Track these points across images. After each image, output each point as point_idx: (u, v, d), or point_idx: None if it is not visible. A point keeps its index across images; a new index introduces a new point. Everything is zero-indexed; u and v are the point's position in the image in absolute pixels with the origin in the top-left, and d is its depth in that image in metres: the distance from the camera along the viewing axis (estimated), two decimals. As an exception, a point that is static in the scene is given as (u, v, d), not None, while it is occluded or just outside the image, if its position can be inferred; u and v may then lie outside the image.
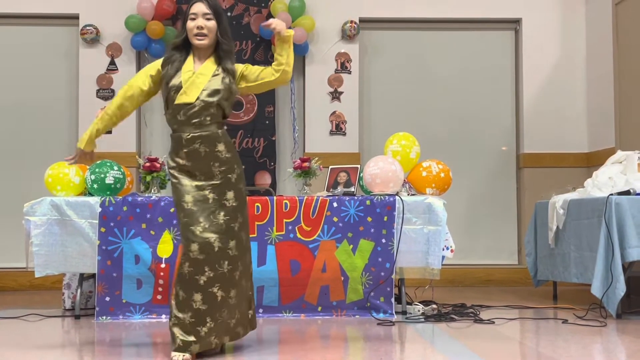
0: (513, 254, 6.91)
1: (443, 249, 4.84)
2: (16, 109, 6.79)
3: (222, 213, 3.54)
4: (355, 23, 6.74)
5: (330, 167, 5.36)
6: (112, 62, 6.67)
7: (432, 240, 4.83)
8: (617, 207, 4.62)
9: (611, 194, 4.70)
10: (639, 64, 5.88)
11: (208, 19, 3.63)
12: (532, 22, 6.89)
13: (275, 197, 4.91)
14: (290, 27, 6.57)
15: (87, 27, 6.63)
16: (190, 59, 3.69)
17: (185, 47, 3.71)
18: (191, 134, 3.59)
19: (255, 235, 4.79)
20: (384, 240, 4.82)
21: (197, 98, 3.59)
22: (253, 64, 3.87)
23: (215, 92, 3.61)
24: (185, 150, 3.60)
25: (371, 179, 4.96)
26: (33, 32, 6.85)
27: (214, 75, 3.64)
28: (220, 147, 3.62)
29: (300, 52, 6.69)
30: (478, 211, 6.91)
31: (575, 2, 6.87)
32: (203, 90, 3.60)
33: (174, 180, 3.63)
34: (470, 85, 6.99)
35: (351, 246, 4.83)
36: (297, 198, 4.90)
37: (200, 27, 3.62)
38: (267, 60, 6.67)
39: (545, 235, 5.46)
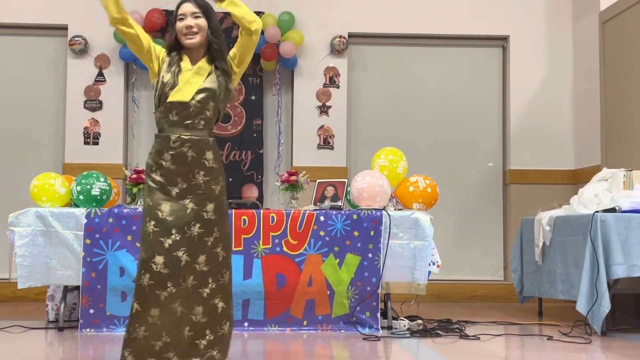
0: (499, 270, 6.92)
1: (429, 264, 4.84)
2: (3, 119, 6.75)
3: (197, 225, 3.34)
4: (344, 38, 6.75)
5: (318, 181, 5.35)
6: (100, 74, 6.65)
7: (418, 256, 4.83)
8: (603, 225, 4.63)
9: (597, 211, 4.72)
10: (626, 82, 5.92)
11: (197, 17, 3.49)
12: (519, 40, 6.92)
13: (262, 211, 4.89)
14: (279, 42, 6.58)
15: (76, 38, 6.61)
16: (185, 59, 3.52)
17: (177, 50, 3.55)
18: (181, 136, 3.39)
19: (241, 248, 4.77)
20: (370, 255, 4.81)
21: (192, 98, 3.42)
22: (241, 78, 3.84)
23: (211, 93, 3.45)
24: (171, 152, 3.38)
25: (358, 193, 4.96)
26: (21, 42, 6.82)
27: (209, 75, 3.48)
28: (209, 155, 3.42)
29: (289, 65, 6.70)
30: (464, 227, 6.92)
31: (562, 20, 6.91)
32: (199, 90, 3.43)
33: (153, 185, 3.39)
34: (457, 101, 7.01)
35: (337, 260, 4.82)
36: (284, 211, 4.88)
37: (189, 27, 3.47)
38: (256, 73, 6.68)
39: (531, 252, 5.47)
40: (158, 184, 3.38)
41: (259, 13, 6.68)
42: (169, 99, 3.42)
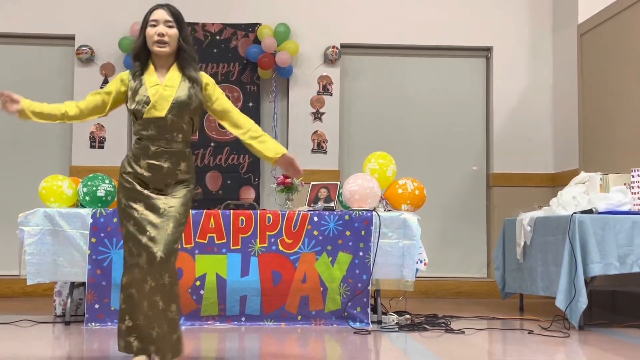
0: (482, 268, 6.93)
1: (417, 262, 4.84)
2: (13, 124, 6.72)
3: (171, 225, 3.22)
4: (337, 48, 6.76)
5: (312, 183, 5.35)
6: (106, 81, 6.64)
7: (406, 254, 4.83)
8: (581, 225, 4.64)
9: (575, 213, 4.73)
10: (602, 91, 5.94)
11: (170, 27, 3.28)
12: (502, 51, 6.94)
13: (258, 211, 4.88)
14: (275, 52, 6.58)
15: (83, 48, 6.60)
16: (151, 69, 3.33)
17: (144, 56, 3.35)
18: (160, 148, 3.27)
19: (239, 247, 4.77)
20: (361, 253, 4.81)
21: (168, 112, 3.25)
22: (240, 85, 3.76)
23: (184, 105, 3.28)
24: (148, 161, 3.27)
25: (350, 195, 4.96)
26: (31, 51, 6.81)
27: (180, 85, 3.31)
28: (183, 166, 3.32)
29: (285, 74, 6.70)
30: (450, 227, 6.92)
31: (543, 32, 6.93)
32: (172, 103, 3.26)
33: (127, 185, 3.28)
34: (444, 108, 7.02)
35: (330, 258, 4.82)
36: (279, 212, 4.88)
37: (161, 35, 3.26)
38: (254, 81, 6.67)
39: (513, 250, 5.48)
40: (131, 184, 3.30)
41: (256, 24, 6.68)
42: (145, 116, 3.28)
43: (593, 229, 4.64)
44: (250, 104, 6.68)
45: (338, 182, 5.32)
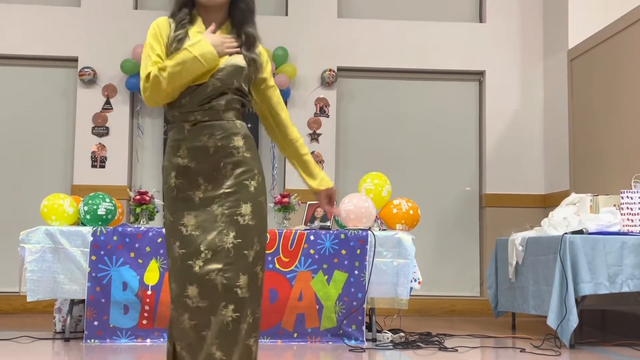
0: (475, 287, 6.91)
1: (411, 281, 4.82)
2: (17, 143, 6.73)
3: (232, 234, 2.36)
4: (333, 71, 6.78)
5: (308, 202, 5.34)
6: (108, 102, 6.65)
7: (401, 273, 4.81)
8: (571, 245, 4.63)
9: (566, 233, 4.72)
10: (592, 114, 5.96)
11: None
12: (494, 75, 6.97)
13: (256, 230, 4.86)
14: (274, 74, 6.58)
15: (85, 69, 6.61)
16: (199, 22, 2.52)
17: (190, 12, 2.53)
18: (198, 122, 2.44)
19: (236, 265, 4.75)
20: (356, 272, 4.79)
21: (212, 76, 2.45)
22: None
23: (237, 71, 2.49)
24: (187, 145, 2.43)
25: (346, 214, 4.95)
26: (35, 72, 6.82)
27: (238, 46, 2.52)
28: (238, 141, 2.48)
29: (283, 96, 6.68)
30: (444, 246, 6.91)
31: (534, 57, 6.97)
32: (219, 67, 2.46)
33: (170, 194, 2.45)
34: (437, 130, 7.03)
35: (326, 277, 4.80)
36: (276, 231, 4.87)
37: None
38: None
39: (506, 270, 5.46)
40: (175, 189, 2.45)
41: (255, 48, 6.71)
42: None
43: (583, 249, 4.64)
44: (249, 125, 6.65)
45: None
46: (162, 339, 4.58)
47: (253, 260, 2.38)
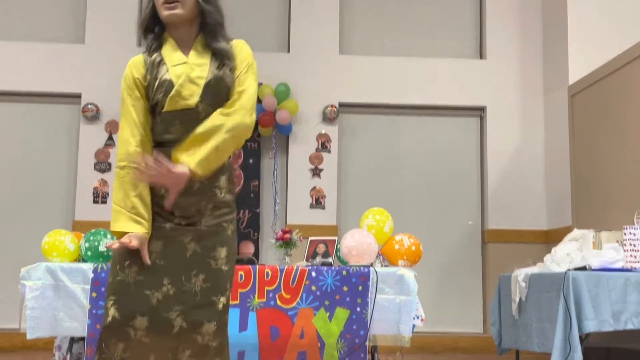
0: (479, 323, 6.85)
1: (414, 318, 4.78)
2: (19, 178, 6.74)
3: (202, 276, 2.20)
4: (335, 107, 6.81)
5: (310, 238, 5.33)
6: (110, 138, 6.68)
7: (403, 310, 4.77)
8: (574, 282, 4.60)
9: (569, 270, 4.69)
10: (593, 150, 5.97)
11: None
12: (495, 110, 7.00)
13: (257, 266, 4.85)
14: (275, 110, 6.62)
15: (88, 106, 6.65)
16: (170, 44, 2.38)
17: (156, 29, 2.43)
18: None
19: (237, 302, 4.71)
20: (358, 309, 4.76)
21: (200, 101, 2.30)
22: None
23: (221, 88, 2.34)
24: None
25: (347, 250, 4.93)
26: (38, 109, 6.87)
27: (211, 64, 2.37)
28: (222, 181, 2.33)
29: (285, 132, 6.74)
30: (446, 282, 6.87)
31: (534, 93, 7.00)
32: (205, 87, 2.31)
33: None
34: (439, 165, 7.04)
35: (328, 314, 4.76)
36: (278, 267, 4.85)
37: None
38: (254, 138, 6.70)
39: (509, 306, 5.42)
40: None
41: (258, 84, 6.74)
42: (167, 108, 2.31)
43: (587, 285, 4.60)
44: (251, 161, 6.70)
45: (336, 238, 5.30)
46: (162, 377, 4.52)
47: (223, 308, 2.21)
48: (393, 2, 7.19)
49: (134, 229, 2.24)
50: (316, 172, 6.82)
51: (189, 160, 2.20)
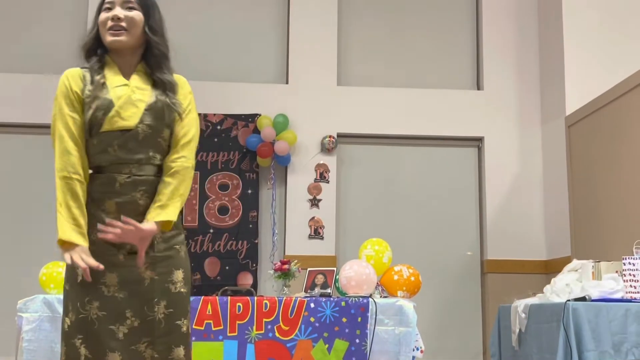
0: (479, 355, 6.80)
1: (413, 349, 4.75)
2: (16, 210, 6.73)
3: (163, 303, 2.16)
4: (333, 138, 6.84)
5: (309, 269, 5.31)
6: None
7: (403, 341, 4.74)
8: (574, 313, 4.58)
9: (568, 300, 4.67)
10: (591, 180, 5.98)
11: (130, 8, 2.32)
12: (493, 141, 7.02)
13: (255, 297, 4.83)
14: (274, 141, 6.65)
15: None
16: (112, 66, 2.36)
17: (101, 55, 2.40)
18: (132, 177, 2.23)
19: (235, 333, 4.68)
20: (357, 340, 4.73)
21: (140, 122, 2.28)
22: (239, 173, 2.85)
23: (160, 112, 2.31)
24: (117, 199, 2.22)
25: (346, 281, 4.91)
26: (35, 140, 6.87)
27: (155, 90, 2.36)
28: None
29: (283, 162, 6.76)
30: (446, 313, 6.83)
31: (532, 123, 7.03)
32: (146, 109, 2.29)
33: (91, 247, 2.19)
34: (437, 195, 7.05)
35: (327, 345, 4.73)
36: (276, 298, 4.82)
37: (116, 18, 2.29)
38: (253, 169, 6.71)
39: (509, 337, 5.39)
40: (94, 244, 2.22)
41: (256, 115, 6.78)
42: (105, 128, 2.27)
43: (587, 316, 4.58)
44: (249, 191, 6.71)
45: (334, 268, 5.28)
46: (159, 411, 4.47)
47: (187, 330, 2.19)
48: (390, 34, 7.25)
49: (81, 241, 2.22)
50: (315, 202, 6.82)
51: (158, 215, 2.21)
